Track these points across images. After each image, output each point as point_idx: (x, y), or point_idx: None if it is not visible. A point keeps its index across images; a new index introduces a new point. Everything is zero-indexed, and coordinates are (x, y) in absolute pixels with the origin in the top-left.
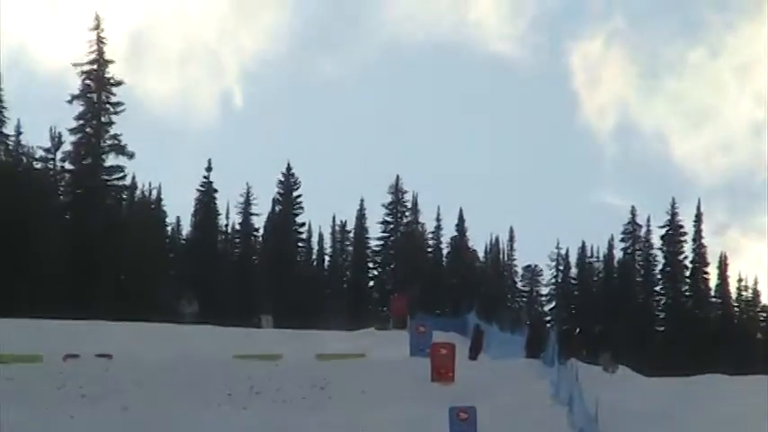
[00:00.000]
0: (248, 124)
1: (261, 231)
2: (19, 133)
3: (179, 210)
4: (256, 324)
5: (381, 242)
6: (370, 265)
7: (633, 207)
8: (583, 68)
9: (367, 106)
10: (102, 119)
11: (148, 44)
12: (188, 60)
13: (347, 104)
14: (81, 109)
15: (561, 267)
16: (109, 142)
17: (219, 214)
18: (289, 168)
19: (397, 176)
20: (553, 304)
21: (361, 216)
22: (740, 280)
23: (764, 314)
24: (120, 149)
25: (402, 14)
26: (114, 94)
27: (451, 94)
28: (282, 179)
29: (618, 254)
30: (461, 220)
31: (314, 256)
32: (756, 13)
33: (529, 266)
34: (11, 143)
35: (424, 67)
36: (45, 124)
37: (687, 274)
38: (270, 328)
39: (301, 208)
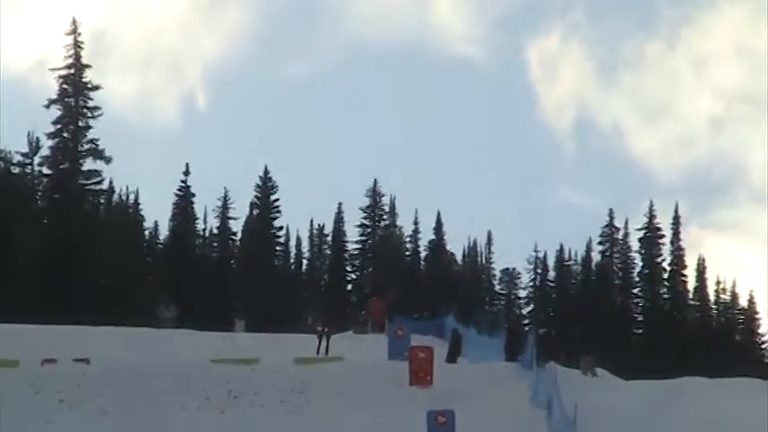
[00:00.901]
0: (221, 127)
1: (239, 235)
2: None
3: (156, 214)
4: (230, 328)
5: (359, 246)
6: (348, 268)
7: (611, 210)
8: (540, 64)
9: (334, 108)
10: (80, 123)
11: (110, 46)
12: (151, 63)
13: (314, 106)
14: (58, 113)
15: (539, 270)
16: (86, 146)
17: (197, 218)
18: (266, 172)
19: (375, 180)
20: (531, 307)
21: (338, 219)
22: (718, 282)
23: (743, 317)
24: (98, 154)
25: (365, 15)
26: (92, 99)
27: (417, 96)
28: (260, 183)
29: (596, 257)
30: (439, 223)
31: (292, 260)
32: (712, 7)
33: (507, 269)
34: None
35: (388, 69)
36: (21, 128)
37: (665, 276)
38: (242, 332)
39: (279, 212)
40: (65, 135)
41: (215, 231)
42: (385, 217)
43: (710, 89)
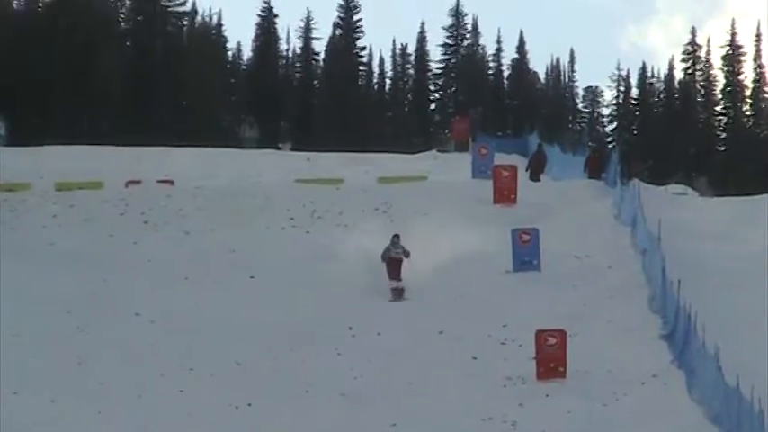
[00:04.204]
0: None
1: (322, 56)
2: None
3: (240, 35)
4: (312, 149)
5: (442, 65)
6: (431, 88)
7: (693, 27)
8: None
9: None
10: None
11: None
12: None
13: None
14: None
15: (622, 88)
16: None
17: (280, 39)
18: None
19: None
20: (614, 125)
21: (421, 39)
22: None
23: None
24: None
25: None
26: None
27: None
28: (342, 2)
29: (678, 75)
30: (522, 41)
31: (375, 80)
32: None
33: (590, 87)
34: None
35: None
36: None
37: (747, 93)
38: (324, 153)
39: (362, 31)
40: None
41: (298, 52)
42: (468, 36)
43: None
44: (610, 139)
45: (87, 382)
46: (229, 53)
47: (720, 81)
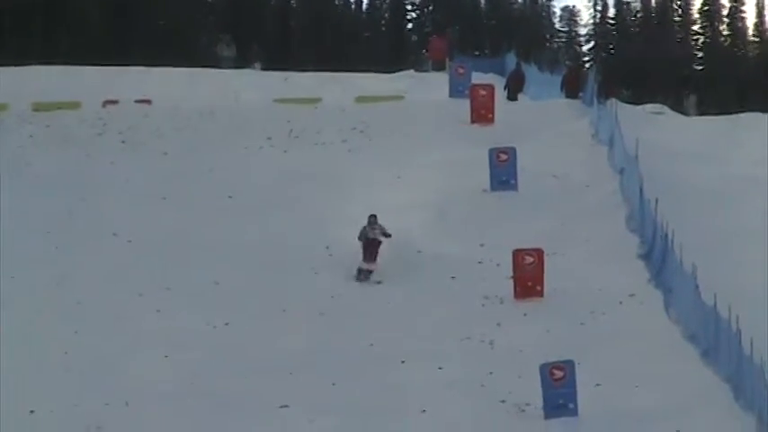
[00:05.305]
0: None
1: None
2: None
3: None
4: (291, 68)
5: None
6: (408, 7)
7: None
8: None
9: None
10: None
11: None
12: None
13: None
14: None
15: (599, 8)
16: None
17: None
18: None
19: None
20: (591, 44)
21: None
22: None
23: None
24: None
25: None
26: None
27: None
28: None
29: None
30: None
31: (352, 0)
32: None
33: (567, 7)
34: None
35: None
36: None
37: (725, 13)
38: (301, 72)
39: None
40: None
41: None
42: None
43: None
44: (587, 58)
45: (65, 302)
46: None
47: (697, 0)
